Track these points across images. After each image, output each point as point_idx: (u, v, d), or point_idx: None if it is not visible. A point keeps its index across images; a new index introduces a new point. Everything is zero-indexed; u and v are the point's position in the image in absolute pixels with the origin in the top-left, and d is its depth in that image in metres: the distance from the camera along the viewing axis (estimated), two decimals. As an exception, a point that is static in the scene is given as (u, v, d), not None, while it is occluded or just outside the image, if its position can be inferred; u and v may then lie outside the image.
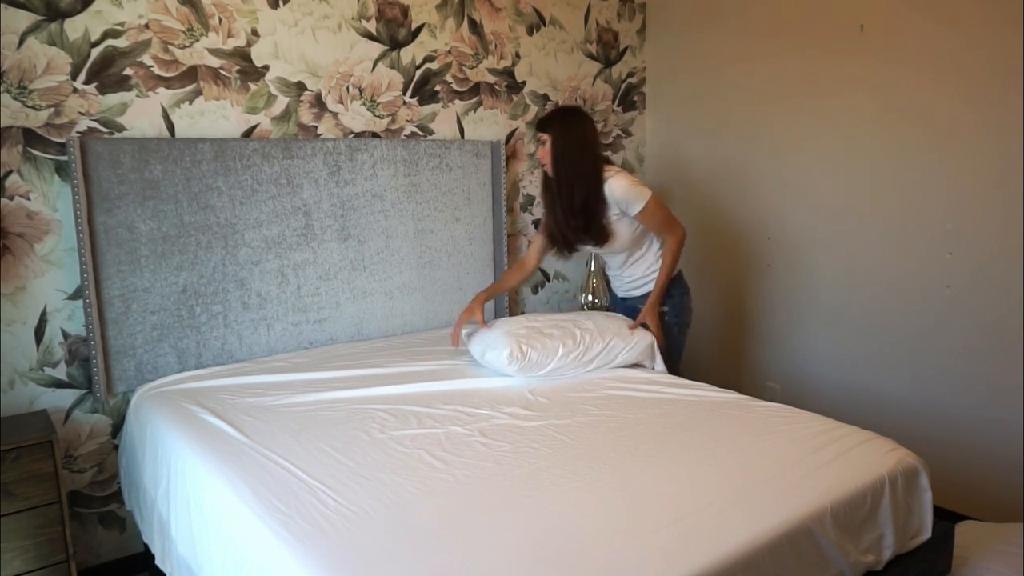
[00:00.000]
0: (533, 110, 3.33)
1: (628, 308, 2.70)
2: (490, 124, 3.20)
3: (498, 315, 3.21)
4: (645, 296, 2.60)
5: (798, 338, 3.18)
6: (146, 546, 2.06)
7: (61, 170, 2.23)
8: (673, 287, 2.60)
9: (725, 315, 3.49)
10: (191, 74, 2.44)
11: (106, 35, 2.27)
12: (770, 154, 3.19)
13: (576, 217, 2.46)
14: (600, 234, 2.50)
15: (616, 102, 3.64)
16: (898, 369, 2.83)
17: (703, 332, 3.61)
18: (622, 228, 2.51)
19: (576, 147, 2.43)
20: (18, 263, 2.20)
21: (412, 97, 2.96)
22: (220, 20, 2.48)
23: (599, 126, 3.58)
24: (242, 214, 2.50)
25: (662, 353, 2.53)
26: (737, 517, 1.42)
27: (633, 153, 3.74)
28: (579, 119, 2.48)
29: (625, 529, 1.37)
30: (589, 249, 2.61)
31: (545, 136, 2.46)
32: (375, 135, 2.87)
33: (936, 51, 2.59)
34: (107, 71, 2.29)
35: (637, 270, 2.63)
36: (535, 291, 3.46)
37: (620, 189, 2.43)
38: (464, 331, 2.58)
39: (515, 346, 2.25)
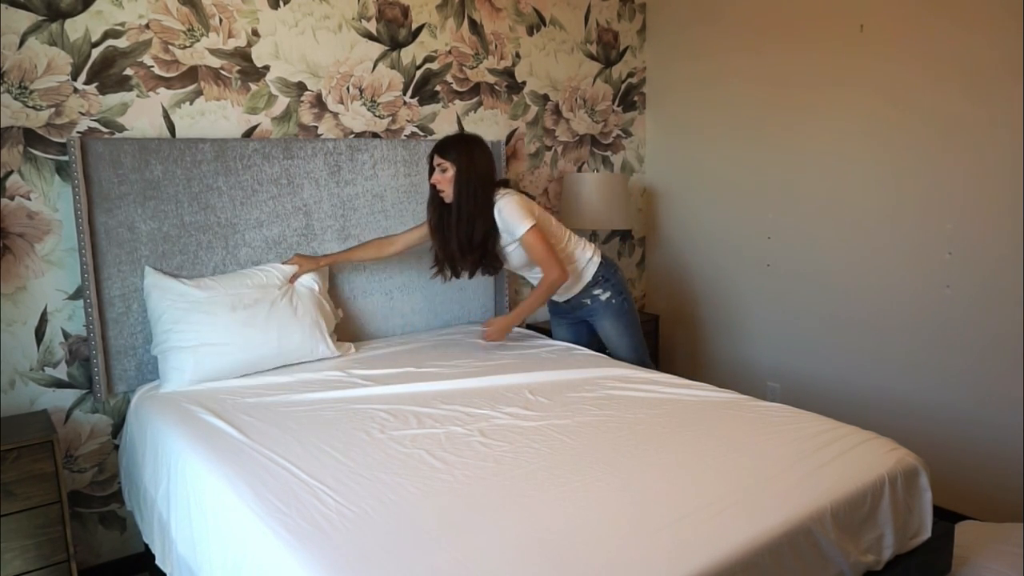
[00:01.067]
0: (533, 110, 3.33)
1: (570, 312, 2.75)
2: (490, 124, 3.21)
3: (498, 314, 3.21)
4: (585, 289, 2.63)
5: (798, 338, 3.18)
6: (146, 546, 2.06)
7: (61, 170, 2.23)
8: (605, 271, 2.62)
9: (725, 315, 3.49)
10: (191, 74, 2.44)
11: (107, 35, 2.27)
12: (770, 154, 3.19)
13: (473, 251, 2.47)
14: (492, 265, 2.52)
15: (616, 102, 3.64)
16: (898, 369, 2.83)
17: (703, 332, 3.61)
18: (514, 257, 2.54)
19: (479, 179, 2.42)
20: (18, 263, 2.20)
21: (412, 97, 2.96)
22: (220, 20, 2.48)
23: (599, 126, 3.58)
24: (243, 214, 2.50)
25: (629, 339, 2.63)
26: (737, 517, 1.42)
27: (633, 153, 3.74)
28: (482, 150, 2.46)
29: (625, 529, 1.37)
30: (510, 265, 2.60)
31: (447, 164, 2.41)
32: (375, 135, 2.87)
33: (936, 51, 2.59)
34: (108, 71, 2.29)
35: (574, 260, 2.62)
36: (535, 291, 3.46)
37: (507, 209, 2.41)
38: None
39: None
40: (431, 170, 2.47)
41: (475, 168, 2.42)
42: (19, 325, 2.22)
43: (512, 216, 2.42)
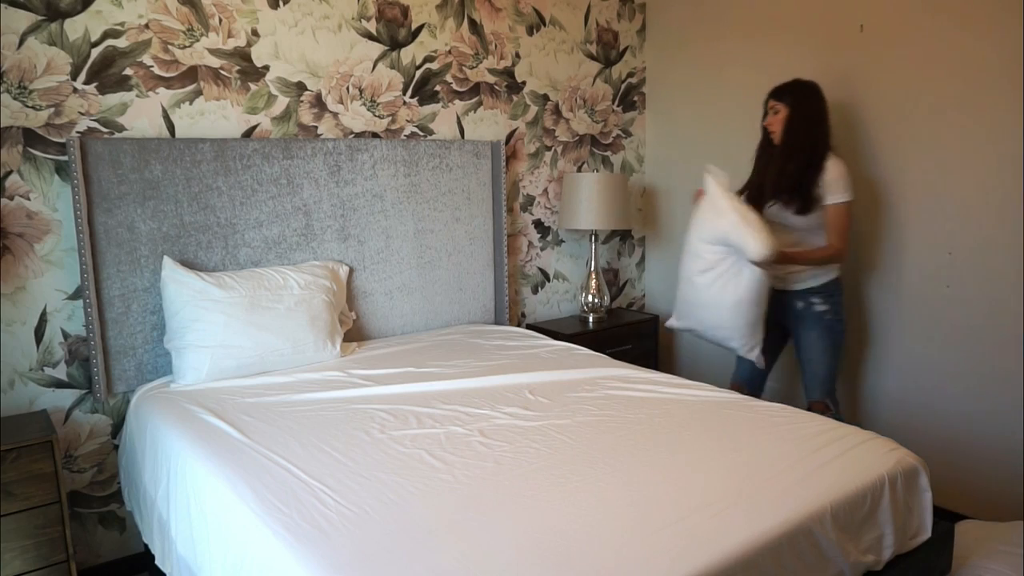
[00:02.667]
0: (533, 110, 3.33)
1: (776, 301, 2.62)
2: (490, 124, 3.21)
3: (498, 314, 3.21)
4: (808, 291, 2.58)
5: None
6: (146, 546, 2.06)
7: (61, 170, 2.23)
8: (835, 288, 2.60)
9: (725, 315, 3.48)
10: (191, 74, 2.44)
11: (106, 35, 2.27)
12: (770, 154, 3.19)
13: (788, 179, 2.53)
14: (805, 200, 2.50)
15: (616, 102, 3.64)
16: (898, 369, 2.83)
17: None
18: (807, 217, 2.53)
19: (809, 120, 2.53)
20: (18, 263, 2.20)
21: (412, 97, 2.96)
22: (220, 20, 2.48)
23: (599, 126, 3.58)
24: (242, 214, 2.50)
25: (826, 356, 2.57)
26: (737, 517, 1.42)
27: (633, 153, 3.74)
28: (816, 96, 2.57)
29: (625, 529, 1.37)
30: (778, 217, 2.57)
31: (780, 106, 2.56)
32: (375, 135, 2.87)
33: (935, 51, 2.59)
34: (107, 71, 2.29)
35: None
36: (535, 291, 3.46)
37: (836, 170, 2.48)
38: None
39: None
40: (765, 115, 2.65)
41: (807, 112, 2.54)
42: (19, 325, 2.22)
43: (838, 179, 2.48)
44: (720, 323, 2.52)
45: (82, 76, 2.25)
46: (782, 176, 2.55)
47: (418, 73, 2.96)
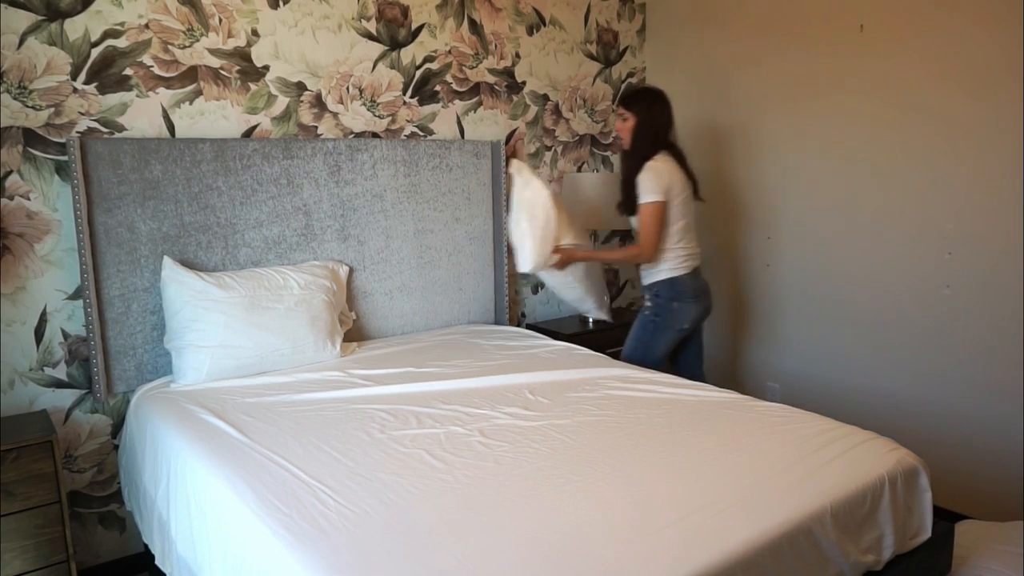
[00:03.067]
0: (533, 110, 3.33)
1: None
2: (490, 124, 3.21)
3: (498, 314, 3.21)
4: (645, 288, 2.78)
5: (798, 338, 3.18)
6: (146, 546, 2.06)
7: (61, 170, 2.23)
8: (663, 289, 2.71)
9: (725, 315, 3.49)
10: (191, 74, 2.44)
11: (106, 35, 2.27)
12: (770, 154, 3.19)
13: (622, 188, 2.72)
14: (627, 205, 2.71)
15: (616, 102, 3.64)
16: (898, 369, 2.83)
17: (703, 332, 3.60)
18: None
19: (652, 132, 2.66)
20: (18, 263, 2.20)
21: (412, 97, 2.96)
22: (220, 20, 2.48)
23: (599, 126, 3.58)
24: (242, 214, 2.50)
25: (633, 342, 2.78)
26: (737, 517, 1.42)
27: (633, 153, 3.74)
28: (661, 104, 2.69)
29: (625, 529, 1.37)
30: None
31: (628, 114, 2.67)
32: (375, 135, 2.87)
33: (935, 51, 2.59)
34: (107, 71, 2.29)
35: (654, 261, 2.72)
36: (535, 291, 3.46)
37: (646, 174, 2.60)
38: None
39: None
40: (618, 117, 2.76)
41: (651, 121, 2.66)
42: (19, 325, 2.22)
43: (645, 183, 2.60)
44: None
45: (82, 76, 2.25)
46: (625, 187, 2.69)
47: (418, 73, 2.96)
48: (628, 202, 2.68)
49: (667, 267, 2.69)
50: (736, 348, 3.46)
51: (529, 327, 3.27)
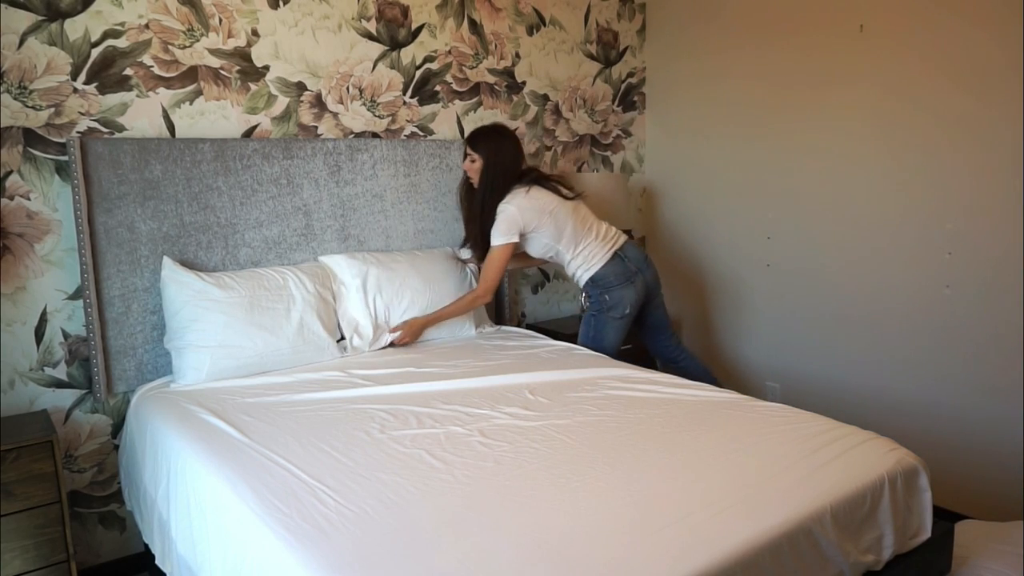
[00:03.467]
0: (533, 110, 3.33)
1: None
2: (490, 124, 3.20)
3: (498, 314, 3.21)
4: (582, 288, 2.79)
5: (798, 338, 3.18)
6: (146, 546, 2.06)
7: (61, 170, 2.23)
8: (589, 287, 2.75)
9: (725, 315, 3.49)
10: (191, 74, 2.44)
11: (106, 35, 2.27)
12: (770, 154, 3.19)
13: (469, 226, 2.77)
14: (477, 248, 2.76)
15: (616, 102, 3.64)
16: (898, 369, 2.83)
17: (703, 332, 3.61)
18: (530, 248, 2.75)
19: (503, 173, 2.67)
20: (18, 263, 2.20)
21: (412, 97, 2.96)
22: (220, 20, 2.48)
23: (599, 126, 3.58)
24: (242, 214, 2.50)
25: (583, 338, 2.78)
26: (737, 517, 1.42)
27: (633, 153, 3.74)
28: (510, 143, 2.71)
29: (625, 529, 1.37)
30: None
31: (475, 155, 2.67)
32: (375, 135, 2.87)
33: (935, 51, 2.59)
34: (107, 71, 2.29)
35: (570, 269, 2.80)
36: (535, 291, 3.46)
37: (500, 216, 2.64)
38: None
39: None
40: (464, 156, 2.73)
41: (500, 162, 2.67)
42: (19, 325, 2.22)
43: (498, 225, 2.64)
44: None
45: (82, 76, 2.25)
46: (482, 231, 2.69)
47: (418, 73, 2.96)
48: (480, 243, 2.72)
49: (582, 268, 2.74)
50: (736, 348, 3.46)
51: (529, 327, 3.27)
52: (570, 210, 2.72)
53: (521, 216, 2.63)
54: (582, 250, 2.72)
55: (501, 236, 2.63)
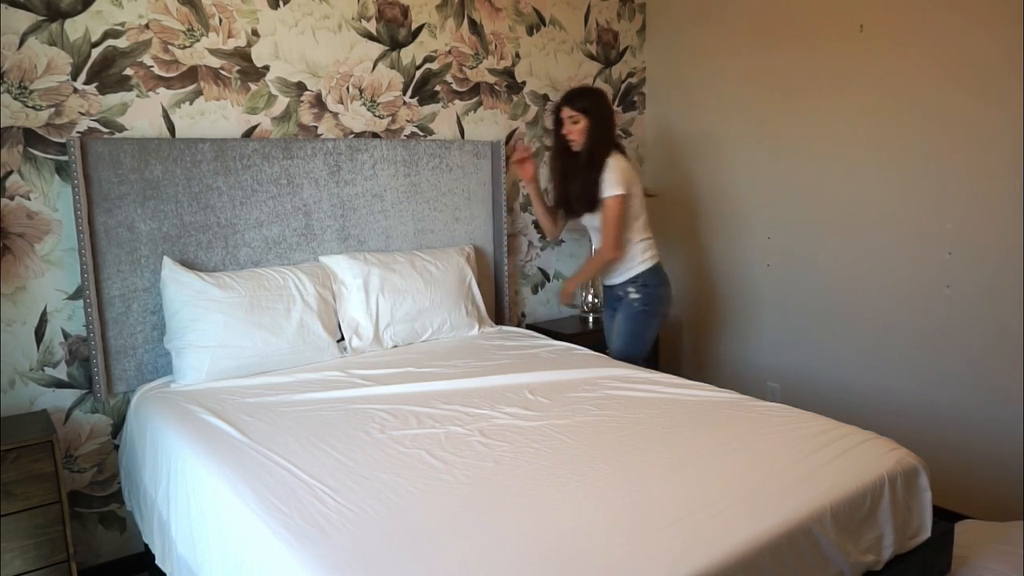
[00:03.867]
0: (533, 110, 3.33)
1: (611, 295, 2.91)
2: (490, 124, 3.21)
3: (498, 314, 3.21)
4: (624, 283, 2.79)
5: (798, 338, 3.18)
6: (146, 546, 2.06)
7: (61, 170, 2.23)
8: (648, 278, 2.76)
9: (725, 315, 3.49)
10: (191, 74, 2.44)
11: (106, 35, 2.27)
12: (769, 154, 3.19)
13: (589, 191, 2.70)
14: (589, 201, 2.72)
15: (616, 102, 3.64)
16: (898, 369, 2.83)
17: (704, 332, 3.61)
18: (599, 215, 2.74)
19: (609, 129, 2.74)
20: (18, 263, 2.20)
21: (412, 97, 2.96)
22: (220, 20, 2.48)
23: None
24: (242, 214, 2.50)
25: (626, 337, 2.78)
26: (737, 517, 1.42)
27: (633, 153, 3.74)
28: (608, 101, 2.76)
29: (625, 529, 1.37)
30: (582, 219, 2.84)
31: (578, 115, 2.67)
32: (375, 135, 2.87)
33: (935, 51, 2.59)
34: (107, 71, 2.29)
35: (628, 252, 2.78)
36: (535, 291, 3.46)
37: (612, 167, 2.64)
38: None
39: None
40: (558, 123, 2.73)
41: (607, 117, 2.73)
42: (19, 325, 2.22)
43: (611, 175, 2.64)
44: None
45: (82, 76, 2.25)
46: (587, 185, 2.69)
47: (418, 73, 2.96)
48: (587, 198, 2.71)
49: (648, 256, 2.77)
50: (736, 348, 3.46)
51: (529, 327, 3.27)
52: (642, 194, 2.80)
53: (629, 172, 2.69)
54: (644, 239, 2.77)
55: (616, 187, 2.63)
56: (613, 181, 2.63)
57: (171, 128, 2.42)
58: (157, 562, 1.94)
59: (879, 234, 2.83)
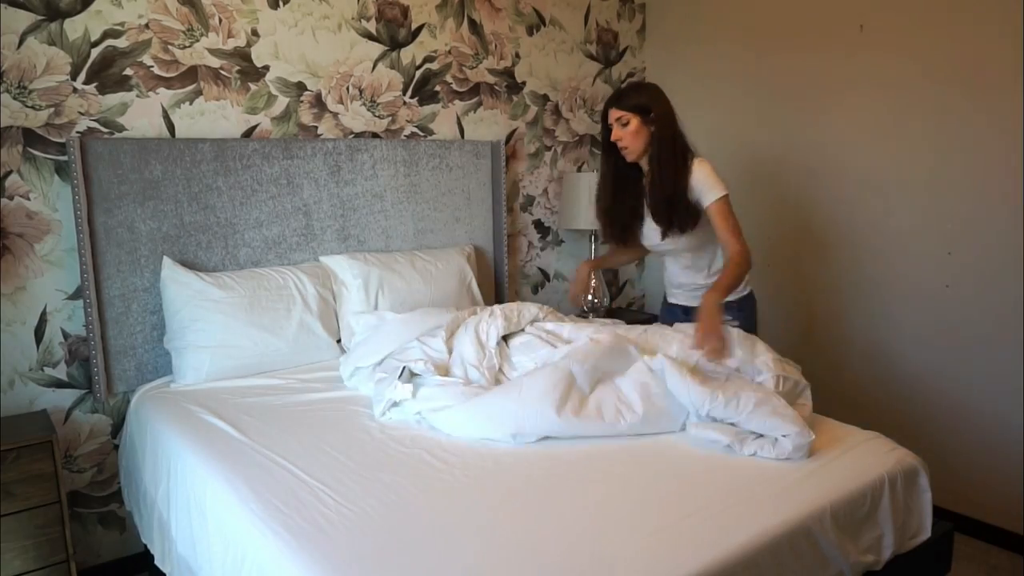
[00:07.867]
0: (533, 110, 3.33)
1: (678, 317, 2.45)
2: (490, 124, 3.21)
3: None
4: (736, 300, 2.34)
5: (797, 338, 3.18)
6: (146, 546, 2.06)
7: (61, 170, 2.23)
8: (744, 303, 2.36)
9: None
10: (191, 74, 2.44)
11: (106, 35, 2.27)
12: (769, 154, 3.19)
13: (679, 202, 2.19)
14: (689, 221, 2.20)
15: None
16: (898, 368, 2.83)
17: (703, 332, 3.60)
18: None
19: (676, 127, 2.21)
20: (18, 263, 2.20)
21: (412, 97, 2.96)
22: (220, 20, 2.48)
23: (599, 126, 3.58)
24: (242, 214, 2.50)
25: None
26: (737, 517, 1.42)
27: (633, 153, 3.74)
28: (666, 97, 2.22)
29: (624, 529, 1.37)
30: (656, 245, 2.34)
31: (629, 116, 2.17)
32: (375, 135, 2.87)
33: (935, 51, 2.59)
34: (107, 71, 2.29)
35: (699, 276, 2.38)
36: (535, 291, 3.46)
37: (703, 170, 2.17)
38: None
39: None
40: (607, 130, 2.23)
41: (665, 113, 2.17)
42: (19, 325, 2.22)
43: (709, 178, 2.15)
44: None
45: (82, 76, 2.25)
46: (663, 198, 2.19)
47: (418, 73, 2.96)
48: (683, 214, 2.18)
49: (746, 279, 2.34)
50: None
51: (529, 327, 3.27)
52: None
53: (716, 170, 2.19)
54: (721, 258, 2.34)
55: (719, 186, 2.14)
56: (711, 183, 2.15)
57: (171, 128, 2.42)
58: (157, 562, 1.94)
59: (879, 233, 2.83)
